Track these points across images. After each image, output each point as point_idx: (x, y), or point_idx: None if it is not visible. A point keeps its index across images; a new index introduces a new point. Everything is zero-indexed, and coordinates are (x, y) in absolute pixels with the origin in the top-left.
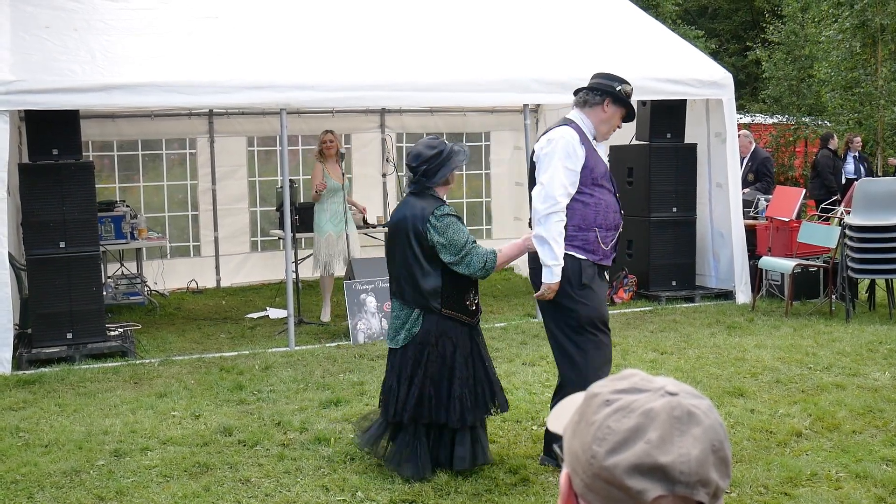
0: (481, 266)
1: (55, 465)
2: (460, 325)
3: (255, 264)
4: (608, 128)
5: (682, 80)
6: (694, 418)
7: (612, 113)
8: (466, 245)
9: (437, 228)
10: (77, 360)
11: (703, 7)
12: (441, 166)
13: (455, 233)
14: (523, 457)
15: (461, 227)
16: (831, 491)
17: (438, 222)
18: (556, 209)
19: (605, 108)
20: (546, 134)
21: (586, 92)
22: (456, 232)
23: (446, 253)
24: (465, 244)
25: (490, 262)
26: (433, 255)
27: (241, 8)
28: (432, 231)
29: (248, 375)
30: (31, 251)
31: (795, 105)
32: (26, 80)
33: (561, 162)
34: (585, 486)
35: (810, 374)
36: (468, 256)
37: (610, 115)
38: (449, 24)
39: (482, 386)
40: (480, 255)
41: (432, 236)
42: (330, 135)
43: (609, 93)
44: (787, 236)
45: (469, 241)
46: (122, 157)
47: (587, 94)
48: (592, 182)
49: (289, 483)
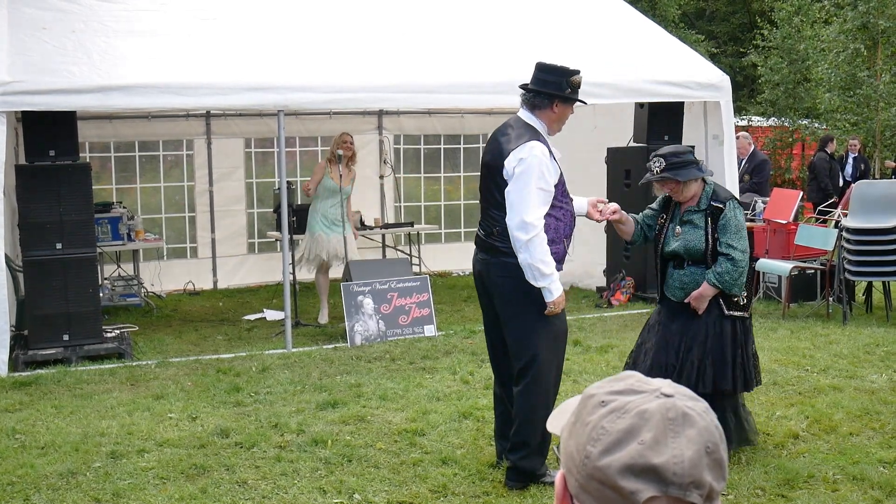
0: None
1: (51, 467)
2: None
3: (252, 266)
4: (560, 125)
5: (680, 82)
6: (688, 420)
7: (561, 112)
8: None
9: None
10: (73, 362)
11: (701, 10)
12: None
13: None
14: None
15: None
16: (828, 493)
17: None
18: (535, 233)
19: (555, 108)
20: (517, 151)
21: (533, 95)
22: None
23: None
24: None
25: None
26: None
27: (239, 9)
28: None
29: (245, 377)
30: (27, 252)
31: (793, 108)
32: (23, 81)
33: (535, 183)
34: (580, 487)
35: (807, 377)
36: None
37: (560, 114)
38: (447, 26)
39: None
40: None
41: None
42: (347, 136)
43: (556, 96)
44: (784, 238)
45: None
46: (119, 158)
47: (535, 98)
48: (562, 193)
49: (286, 485)
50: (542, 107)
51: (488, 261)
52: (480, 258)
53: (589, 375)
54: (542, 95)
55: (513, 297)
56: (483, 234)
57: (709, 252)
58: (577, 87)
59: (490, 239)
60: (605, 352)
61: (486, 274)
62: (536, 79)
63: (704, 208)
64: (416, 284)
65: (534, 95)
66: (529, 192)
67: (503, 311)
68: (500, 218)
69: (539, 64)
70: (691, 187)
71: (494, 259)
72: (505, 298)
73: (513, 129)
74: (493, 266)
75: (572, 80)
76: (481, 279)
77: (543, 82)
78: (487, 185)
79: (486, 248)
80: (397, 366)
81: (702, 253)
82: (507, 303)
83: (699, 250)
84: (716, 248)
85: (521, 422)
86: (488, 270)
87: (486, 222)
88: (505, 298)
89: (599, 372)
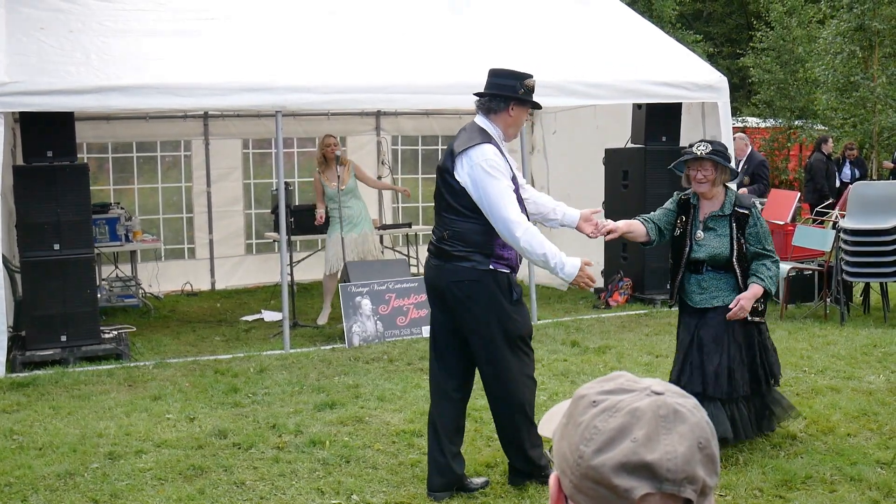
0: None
1: (49, 468)
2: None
3: (250, 267)
4: (516, 129)
5: (678, 83)
6: (679, 416)
7: (517, 115)
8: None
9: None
10: (71, 363)
11: (699, 11)
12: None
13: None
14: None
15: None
16: (826, 494)
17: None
18: (525, 227)
19: (511, 112)
20: (466, 155)
21: (489, 99)
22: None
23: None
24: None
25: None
26: None
27: (237, 10)
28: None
29: (243, 378)
30: (25, 253)
31: (788, 108)
32: (21, 82)
33: (498, 183)
34: (574, 487)
35: (805, 378)
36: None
37: (516, 118)
38: (444, 27)
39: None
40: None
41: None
42: (330, 138)
43: (512, 98)
44: (781, 240)
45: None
46: (116, 159)
47: (490, 102)
48: (516, 192)
49: (283, 486)
50: (499, 110)
51: (441, 266)
52: (433, 264)
53: (587, 376)
54: (498, 99)
55: (467, 301)
56: (435, 240)
57: (734, 258)
58: (532, 90)
59: (441, 243)
60: (603, 353)
61: (438, 279)
62: (491, 83)
63: (729, 213)
64: (414, 285)
65: (489, 99)
66: (498, 191)
67: (461, 317)
68: (452, 222)
69: (492, 70)
70: (720, 187)
71: (448, 264)
72: (460, 303)
73: (465, 132)
74: (446, 271)
75: (526, 83)
76: (434, 285)
77: (498, 86)
78: (439, 189)
79: (438, 253)
80: (395, 367)
81: (726, 259)
82: (463, 308)
83: (724, 257)
84: (741, 253)
85: (503, 424)
86: (440, 275)
87: (439, 227)
88: (460, 303)
89: (597, 373)
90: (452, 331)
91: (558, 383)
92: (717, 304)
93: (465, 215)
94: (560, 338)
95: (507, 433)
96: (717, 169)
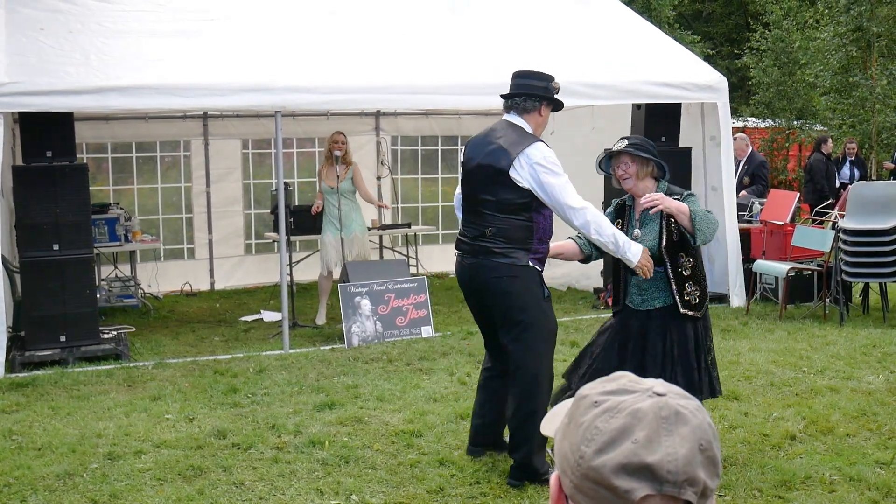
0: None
1: (48, 469)
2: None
3: (250, 267)
4: (542, 130)
5: (677, 83)
6: (681, 418)
7: (546, 115)
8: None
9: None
10: (70, 363)
11: (698, 11)
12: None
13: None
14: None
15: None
16: (825, 494)
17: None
18: (591, 212)
19: (542, 112)
20: (526, 154)
21: (524, 98)
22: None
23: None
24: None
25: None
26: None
27: (237, 10)
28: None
29: (242, 378)
30: (24, 253)
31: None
32: (20, 82)
33: (560, 177)
34: (574, 488)
35: (804, 378)
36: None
37: (545, 118)
38: (444, 27)
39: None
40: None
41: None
42: (338, 135)
43: (545, 98)
44: (781, 240)
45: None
46: (116, 159)
47: (525, 101)
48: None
49: (283, 486)
50: (532, 110)
51: (478, 264)
52: (468, 263)
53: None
54: (534, 98)
55: (505, 296)
56: (470, 238)
57: (662, 247)
58: (558, 91)
59: (479, 241)
60: None
61: (477, 277)
62: (522, 84)
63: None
64: (414, 285)
65: (524, 99)
66: (562, 185)
67: (499, 314)
68: (495, 219)
69: (520, 72)
70: (648, 182)
71: (487, 260)
72: (497, 297)
73: (510, 132)
74: (484, 268)
75: (554, 84)
76: (471, 284)
77: (531, 87)
78: (483, 187)
79: (476, 250)
80: (394, 367)
81: (656, 249)
82: (503, 304)
83: (654, 249)
84: (671, 243)
85: (519, 421)
86: (479, 272)
87: (476, 224)
88: (497, 297)
89: None
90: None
91: (558, 383)
92: (659, 304)
93: (513, 212)
94: (560, 338)
95: (523, 428)
96: (635, 162)
